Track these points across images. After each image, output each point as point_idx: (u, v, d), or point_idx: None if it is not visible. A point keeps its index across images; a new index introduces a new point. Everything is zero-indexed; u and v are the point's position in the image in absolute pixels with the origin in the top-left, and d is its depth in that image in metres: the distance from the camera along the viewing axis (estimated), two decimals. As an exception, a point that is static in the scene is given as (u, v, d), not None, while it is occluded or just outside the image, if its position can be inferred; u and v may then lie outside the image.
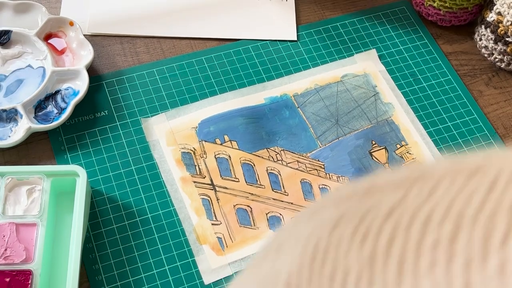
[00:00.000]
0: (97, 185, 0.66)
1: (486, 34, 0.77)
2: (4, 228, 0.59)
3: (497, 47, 0.76)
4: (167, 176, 0.67)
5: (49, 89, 0.71)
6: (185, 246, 0.63)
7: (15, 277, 0.57)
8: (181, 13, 0.80)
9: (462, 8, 0.79)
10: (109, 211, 0.65)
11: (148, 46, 0.77)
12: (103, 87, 0.73)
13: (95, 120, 0.71)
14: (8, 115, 0.68)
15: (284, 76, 0.76)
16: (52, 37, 0.75)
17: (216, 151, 0.69)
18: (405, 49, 0.80)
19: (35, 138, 0.69)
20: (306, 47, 0.79)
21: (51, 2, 0.80)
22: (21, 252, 0.58)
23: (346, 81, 0.76)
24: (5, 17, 0.75)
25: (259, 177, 0.68)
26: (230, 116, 0.72)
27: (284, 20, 0.81)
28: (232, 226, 0.65)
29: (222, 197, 0.66)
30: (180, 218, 0.65)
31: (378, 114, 0.74)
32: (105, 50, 0.76)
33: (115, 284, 0.61)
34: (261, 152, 0.70)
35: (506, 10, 0.73)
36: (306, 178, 0.69)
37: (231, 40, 0.79)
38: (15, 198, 0.61)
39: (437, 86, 0.77)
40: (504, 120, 0.75)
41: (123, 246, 0.63)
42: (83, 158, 0.68)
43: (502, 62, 0.77)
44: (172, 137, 0.70)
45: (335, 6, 0.83)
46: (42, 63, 0.72)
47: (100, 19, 0.79)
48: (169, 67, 0.75)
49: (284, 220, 0.66)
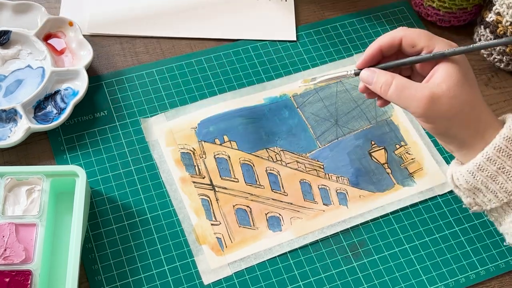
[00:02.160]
0: (97, 186, 0.66)
1: (485, 34, 0.77)
2: (3, 229, 0.59)
3: (496, 47, 0.76)
4: (167, 176, 0.67)
5: (49, 89, 0.71)
6: (185, 246, 0.64)
7: (14, 277, 0.57)
8: (181, 13, 0.80)
9: (461, 9, 0.79)
10: (109, 211, 0.65)
11: (148, 47, 0.77)
12: (103, 87, 0.73)
13: (94, 120, 0.71)
14: (8, 115, 0.68)
15: (283, 76, 0.76)
16: (52, 37, 0.75)
17: (215, 151, 0.69)
18: (404, 50, 0.80)
19: (35, 138, 0.69)
20: (305, 47, 0.79)
21: (50, 2, 0.80)
22: (21, 252, 0.58)
23: (346, 81, 0.76)
24: (5, 17, 0.75)
25: (258, 177, 0.68)
26: (229, 116, 0.72)
27: (284, 21, 0.81)
28: (232, 226, 0.65)
29: (221, 197, 0.66)
30: (180, 218, 0.65)
31: (377, 115, 0.74)
32: (105, 50, 0.76)
33: (115, 284, 0.61)
34: (261, 152, 0.70)
35: (505, 11, 0.73)
36: (306, 178, 0.69)
37: (231, 40, 0.79)
38: (15, 198, 0.61)
39: (436, 87, 0.77)
40: (503, 120, 0.75)
41: (123, 246, 0.63)
42: (82, 158, 0.68)
43: (501, 63, 0.77)
44: (172, 137, 0.70)
45: (335, 7, 0.83)
46: (42, 63, 0.73)
47: (99, 19, 0.79)
48: (169, 68, 0.75)
49: (283, 220, 0.66)
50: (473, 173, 0.56)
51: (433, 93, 0.55)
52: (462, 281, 0.64)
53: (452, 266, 0.64)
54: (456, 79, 0.55)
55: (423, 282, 0.63)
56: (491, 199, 0.56)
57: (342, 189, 0.68)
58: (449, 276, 0.64)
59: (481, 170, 0.55)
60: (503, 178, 0.55)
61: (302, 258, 0.64)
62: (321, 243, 0.65)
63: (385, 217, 0.67)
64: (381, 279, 0.63)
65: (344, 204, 0.67)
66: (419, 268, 0.64)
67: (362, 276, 0.63)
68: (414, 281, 0.63)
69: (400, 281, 0.63)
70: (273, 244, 0.64)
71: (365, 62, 0.60)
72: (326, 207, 0.67)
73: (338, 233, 0.66)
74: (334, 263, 0.64)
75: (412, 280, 0.63)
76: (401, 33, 0.58)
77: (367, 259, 0.64)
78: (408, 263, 0.64)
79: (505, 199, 0.55)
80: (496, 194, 0.56)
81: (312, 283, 0.62)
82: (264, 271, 0.63)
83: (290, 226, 0.65)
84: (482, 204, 0.57)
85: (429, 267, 0.64)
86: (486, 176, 0.55)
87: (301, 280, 0.63)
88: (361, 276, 0.63)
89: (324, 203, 0.67)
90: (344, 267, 0.64)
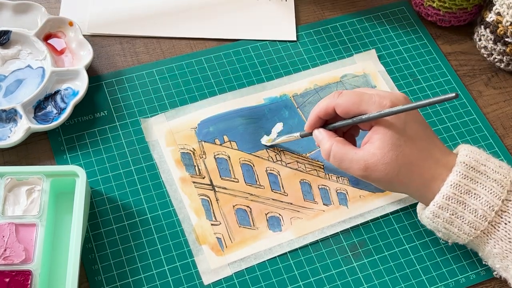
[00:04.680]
0: (97, 186, 0.66)
1: (485, 35, 0.77)
2: (3, 229, 0.59)
3: (497, 48, 0.76)
4: (167, 177, 0.67)
5: (49, 89, 0.71)
6: (185, 247, 0.64)
7: (14, 278, 0.57)
8: (181, 13, 0.80)
9: (462, 9, 0.79)
10: (109, 211, 0.65)
11: (148, 47, 0.77)
12: (103, 88, 0.73)
13: (94, 121, 0.71)
14: (8, 116, 0.68)
15: (283, 76, 0.76)
16: (52, 37, 0.75)
17: (215, 152, 0.69)
18: (404, 50, 0.80)
19: (35, 138, 0.69)
20: (305, 47, 0.79)
21: (50, 2, 0.80)
22: (21, 253, 0.58)
23: (346, 81, 0.76)
24: (5, 17, 0.75)
25: (258, 178, 0.68)
26: (229, 116, 0.72)
27: (284, 20, 0.81)
28: (232, 226, 0.65)
29: (221, 198, 0.66)
30: (180, 218, 0.65)
31: (377, 115, 0.74)
32: (105, 50, 0.76)
33: (115, 284, 0.61)
34: (261, 152, 0.70)
35: (506, 11, 0.73)
36: (306, 179, 0.69)
37: (231, 40, 0.79)
38: (15, 198, 0.61)
39: (436, 87, 0.77)
40: (503, 120, 0.75)
41: (123, 246, 0.63)
42: (82, 158, 0.68)
43: (502, 63, 0.77)
44: (172, 137, 0.70)
45: (335, 7, 0.83)
46: (42, 63, 0.73)
47: (99, 19, 0.79)
48: (169, 68, 0.75)
49: (283, 220, 0.66)
50: (432, 219, 0.58)
51: (367, 163, 0.57)
52: (462, 281, 0.64)
53: (452, 266, 0.64)
54: (390, 143, 0.57)
55: (423, 282, 0.63)
56: (456, 239, 0.59)
57: (342, 189, 0.68)
58: (449, 276, 0.64)
59: (437, 217, 0.57)
60: (458, 222, 0.57)
61: (302, 258, 0.64)
62: (321, 243, 0.65)
63: (385, 217, 0.67)
64: (381, 279, 0.63)
65: (344, 204, 0.67)
66: (419, 268, 0.64)
67: (362, 276, 0.63)
68: (414, 281, 0.63)
69: (400, 281, 0.63)
70: (273, 244, 0.64)
71: (310, 127, 0.63)
72: (326, 207, 0.67)
73: (338, 233, 0.66)
74: (334, 263, 0.64)
75: (412, 280, 0.63)
76: (333, 103, 0.60)
77: (367, 259, 0.64)
78: (408, 263, 0.64)
79: (466, 240, 0.58)
80: (458, 235, 0.58)
81: (312, 283, 0.62)
82: (264, 271, 0.63)
83: (290, 226, 0.65)
84: (453, 239, 0.59)
85: (429, 267, 0.64)
86: (443, 222, 0.57)
87: (301, 280, 0.63)
88: (361, 276, 0.63)
89: (324, 203, 0.67)
90: (344, 267, 0.64)
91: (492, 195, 0.56)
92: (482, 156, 0.57)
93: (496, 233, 0.56)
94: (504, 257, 0.56)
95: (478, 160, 0.57)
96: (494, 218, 0.56)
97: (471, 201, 0.56)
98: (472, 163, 0.56)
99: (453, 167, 0.57)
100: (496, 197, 0.56)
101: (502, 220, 0.56)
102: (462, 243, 0.59)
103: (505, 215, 0.56)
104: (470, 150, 0.58)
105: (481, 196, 0.56)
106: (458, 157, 0.57)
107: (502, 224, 0.56)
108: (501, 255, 0.57)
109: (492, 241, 0.57)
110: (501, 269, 0.58)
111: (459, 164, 0.57)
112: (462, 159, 0.57)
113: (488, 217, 0.56)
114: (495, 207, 0.56)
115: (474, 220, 0.56)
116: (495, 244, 0.56)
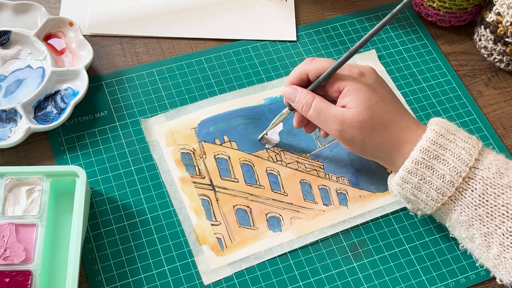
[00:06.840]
0: (97, 186, 0.66)
1: (485, 35, 0.77)
2: (3, 229, 0.59)
3: (497, 48, 0.76)
4: (167, 177, 0.67)
5: (49, 90, 0.71)
6: (185, 247, 0.64)
7: (14, 278, 0.57)
8: (181, 13, 0.80)
9: (462, 9, 0.79)
10: (109, 211, 0.65)
11: (148, 47, 0.77)
12: (103, 88, 0.73)
13: (94, 121, 0.71)
14: (8, 116, 0.68)
15: (283, 76, 0.76)
16: (52, 37, 0.75)
17: (215, 152, 0.69)
18: (404, 50, 0.80)
19: (35, 138, 0.69)
20: (305, 47, 0.79)
21: (50, 2, 0.80)
22: (21, 253, 0.58)
23: (346, 81, 0.76)
24: (5, 17, 0.75)
25: (258, 178, 0.68)
26: (229, 116, 0.72)
27: (284, 20, 0.81)
28: (232, 226, 0.65)
29: (221, 198, 0.66)
30: (180, 218, 0.65)
31: (377, 115, 0.74)
32: (105, 50, 0.76)
33: (115, 284, 0.61)
34: (261, 152, 0.70)
35: (506, 11, 0.73)
36: (306, 179, 0.69)
37: (231, 40, 0.79)
38: (15, 198, 0.61)
39: (436, 87, 0.77)
40: (503, 121, 0.75)
41: (123, 246, 0.63)
42: (82, 158, 0.68)
43: (502, 63, 0.77)
44: (172, 137, 0.70)
45: (335, 7, 0.83)
46: (42, 63, 0.73)
47: (99, 19, 0.79)
48: (169, 68, 0.75)
49: (283, 220, 0.66)
50: (400, 185, 0.59)
51: (344, 117, 0.59)
52: (462, 281, 0.64)
53: (452, 267, 0.64)
54: (363, 102, 0.59)
55: (423, 282, 0.63)
56: (424, 207, 0.59)
57: (342, 189, 0.68)
58: (449, 276, 0.64)
59: (406, 182, 0.58)
60: (426, 188, 0.58)
61: (302, 258, 0.64)
62: (321, 243, 0.65)
63: (385, 217, 0.67)
64: (381, 279, 0.63)
65: (344, 204, 0.67)
66: (419, 268, 0.64)
67: (362, 276, 0.63)
68: (414, 281, 0.63)
69: (400, 281, 0.63)
70: (273, 244, 0.64)
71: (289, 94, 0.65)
72: (326, 207, 0.67)
73: (338, 233, 0.66)
74: (334, 263, 0.64)
75: (412, 280, 0.63)
76: (306, 69, 0.63)
77: (367, 259, 0.64)
78: (408, 263, 0.64)
79: (434, 208, 0.59)
80: (426, 202, 0.59)
81: (312, 283, 0.62)
82: (264, 271, 0.63)
83: (290, 226, 0.65)
84: (421, 209, 0.60)
85: (429, 267, 0.64)
86: (412, 188, 0.58)
87: (301, 280, 0.63)
88: (361, 276, 0.63)
89: (324, 203, 0.67)
90: (344, 267, 0.64)
91: (460, 161, 0.57)
92: (452, 127, 0.59)
93: (463, 200, 0.57)
94: (470, 225, 0.57)
95: (448, 130, 0.59)
96: (461, 184, 0.57)
97: (439, 167, 0.57)
98: (442, 131, 0.58)
99: (423, 134, 0.58)
100: (464, 164, 0.57)
101: (469, 187, 0.57)
102: (430, 213, 0.60)
103: (472, 182, 0.57)
104: (441, 121, 0.60)
105: (449, 162, 0.57)
106: (429, 125, 0.60)
107: (469, 190, 0.57)
108: (467, 223, 0.57)
109: (458, 208, 0.57)
110: (467, 239, 0.59)
111: (429, 131, 0.58)
112: (432, 127, 0.59)
113: (456, 182, 0.57)
114: (463, 173, 0.57)
115: (442, 186, 0.57)
116: (461, 211, 0.57)
